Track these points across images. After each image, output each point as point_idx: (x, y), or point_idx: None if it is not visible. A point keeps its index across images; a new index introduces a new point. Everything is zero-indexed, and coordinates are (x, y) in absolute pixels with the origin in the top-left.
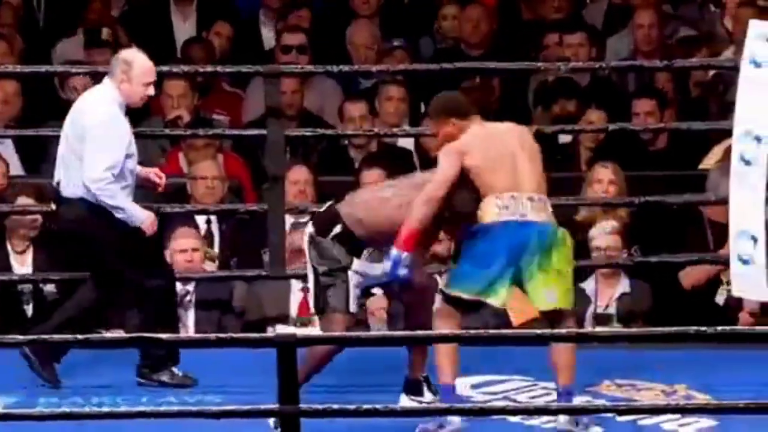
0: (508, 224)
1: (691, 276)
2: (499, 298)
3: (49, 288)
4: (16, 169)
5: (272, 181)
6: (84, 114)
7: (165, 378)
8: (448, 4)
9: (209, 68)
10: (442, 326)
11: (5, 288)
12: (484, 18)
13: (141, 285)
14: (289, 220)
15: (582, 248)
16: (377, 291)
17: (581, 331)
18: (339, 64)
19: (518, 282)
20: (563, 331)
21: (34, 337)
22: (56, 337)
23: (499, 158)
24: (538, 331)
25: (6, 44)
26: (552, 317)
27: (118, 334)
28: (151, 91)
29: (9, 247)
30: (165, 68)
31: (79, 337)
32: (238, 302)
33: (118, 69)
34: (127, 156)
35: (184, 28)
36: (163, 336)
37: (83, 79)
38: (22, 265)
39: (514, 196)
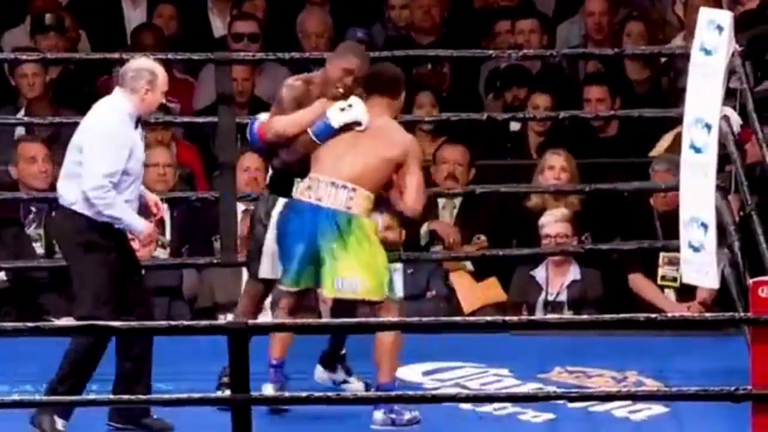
0: (304, 206)
1: (638, 288)
2: (289, 281)
3: (0, 276)
4: None
5: (223, 168)
6: (88, 124)
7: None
8: None
9: (160, 55)
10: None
11: None
12: (435, 5)
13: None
14: (240, 207)
15: (533, 236)
16: None
17: (532, 318)
18: (290, 52)
19: (315, 267)
20: (515, 318)
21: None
22: (7, 325)
23: (337, 144)
24: (489, 318)
25: None
26: (350, 307)
27: (68, 322)
28: (164, 98)
29: None
30: (116, 55)
31: (29, 324)
32: (188, 290)
33: (143, 80)
34: (127, 172)
35: (134, 14)
36: (116, 324)
37: (33, 66)
38: None
39: (320, 179)
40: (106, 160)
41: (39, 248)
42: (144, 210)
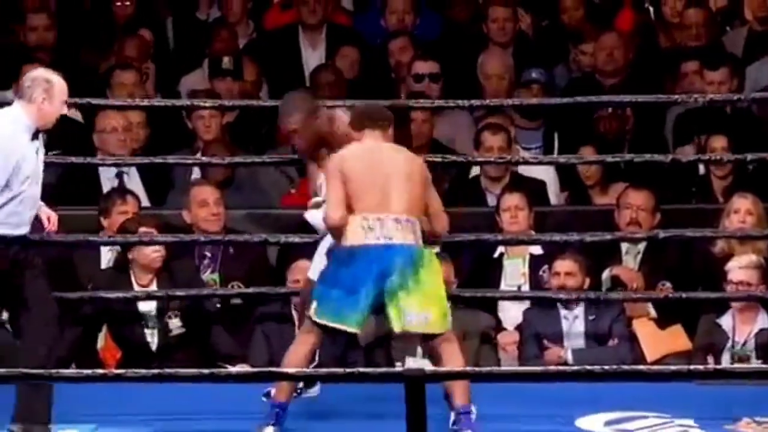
0: (372, 248)
1: None
2: (360, 326)
3: (175, 322)
4: (143, 201)
5: None
6: None
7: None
8: (588, 41)
9: (338, 101)
10: (300, 345)
11: (130, 321)
12: (620, 46)
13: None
14: None
15: (719, 283)
16: (508, 326)
17: (719, 367)
18: (471, 93)
19: (380, 305)
20: (700, 366)
21: (159, 371)
22: (182, 372)
23: (370, 177)
24: (674, 367)
25: (136, 74)
26: (427, 342)
27: (244, 368)
28: (66, 109)
29: (133, 281)
30: None
31: (205, 372)
32: (363, 338)
33: (39, 88)
34: (9, 186)
35: (312, 56)
36: (292, 370)
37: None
38: (147, 298)
39: (380, 218)
40: None
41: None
42: (38, 223)
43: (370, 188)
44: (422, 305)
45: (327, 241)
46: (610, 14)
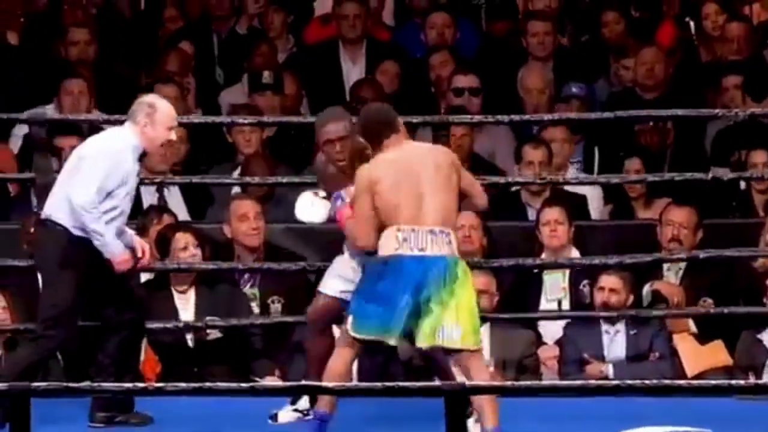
0: (406, 259)
1: None
2: (395, 338)
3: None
4: (183, 215)
5: None
6: (91, 144)
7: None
8: (629, 56)
9: None
10: (338, 359)
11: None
12: (660, 61)
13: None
14: None
15: (761, 298)
16: (549, 340)
17: (760, 382)
18: (510, 107)
19: (416, 318)
20: (742, 382)
21: (199, 385)
22: (221, 385)
23: (403, 190)
24: (715, 382)
25: (177, 89)
26: (457, 356)
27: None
28: (174, 135)
29: (172, 288)
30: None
31: (244, 385)
32: (404, 351)
33: (142, 113)
34: (113, 196)
35: (353, 70)
36: (331, 385)
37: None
38: (186, 304)
39: (414, 229)
40: (99, 176)
41: (255, 308)
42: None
43: (403, 201)
44: (456, 320)
45: (343, 258)
46: (651, 28)
